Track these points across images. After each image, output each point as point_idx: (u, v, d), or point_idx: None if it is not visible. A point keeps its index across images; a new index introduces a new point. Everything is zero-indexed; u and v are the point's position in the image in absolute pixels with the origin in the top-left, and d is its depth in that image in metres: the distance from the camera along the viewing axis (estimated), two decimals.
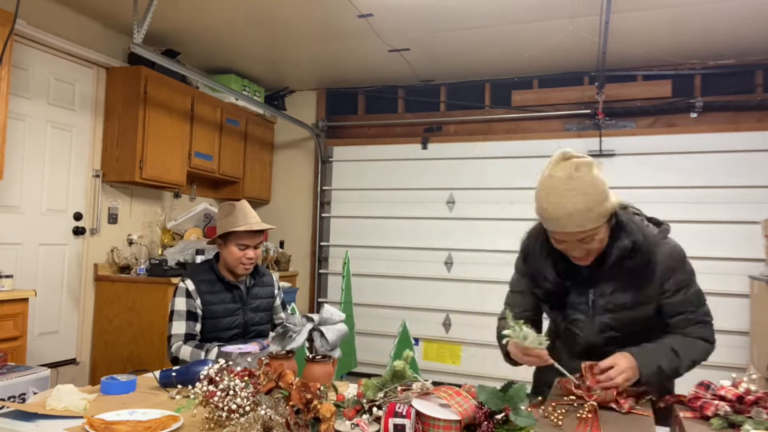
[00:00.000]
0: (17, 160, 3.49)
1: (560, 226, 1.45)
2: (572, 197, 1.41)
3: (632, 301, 1.58)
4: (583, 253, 1.51)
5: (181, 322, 2.28)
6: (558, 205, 1.42)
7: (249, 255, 2.33)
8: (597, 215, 1.43)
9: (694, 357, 1.57)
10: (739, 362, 4.18)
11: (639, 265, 1.53)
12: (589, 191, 1.42)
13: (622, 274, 1.55)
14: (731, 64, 4.44)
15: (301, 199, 5.64)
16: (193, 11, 3.80)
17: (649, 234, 1.58)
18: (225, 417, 1.37)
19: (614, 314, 1.59)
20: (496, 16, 3.76)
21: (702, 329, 1.61)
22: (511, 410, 1.28)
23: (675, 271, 1.57)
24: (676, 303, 1.58)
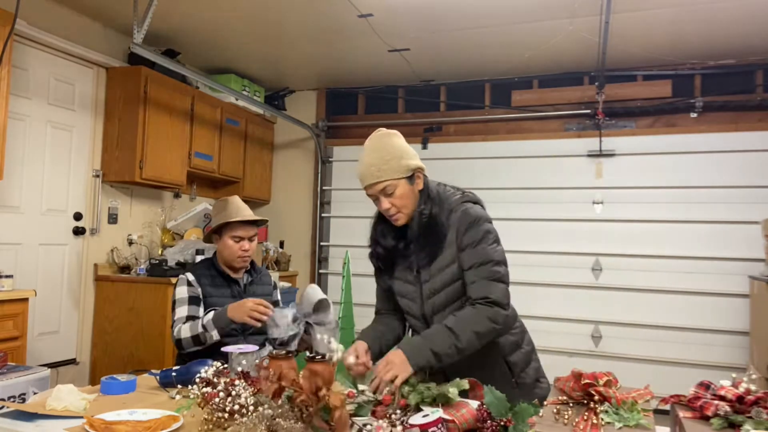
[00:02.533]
0: (17, 160, 3.49)
1: (365, 181, 1.70)
2: (371, 154, 1.71)
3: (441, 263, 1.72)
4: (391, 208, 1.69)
5: (183, 307, 2.28)
6: (361, 163, 1.72)
7: (245, 247, 2.37)
8: (391, 168, 1.67)
9: (472, 328, 1.59)
10: (739, 362, 4.18)
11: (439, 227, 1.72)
12: (385, 148, 1.70)
13: (429, 238, 1.72)
14: (731, 64, 4.44)
15: (301, 199, 5.64)
16: (193, 11, 3.80)
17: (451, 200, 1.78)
18: (226, 418, 1.37)
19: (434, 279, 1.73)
20: (496, 16, 3.76)
21: (489, 285, 1.65)
22: (514, 423, 1.29)
23: (468, 228, 1.71)
24: (468, 256, 1.69)
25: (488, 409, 1.33)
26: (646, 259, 4.51)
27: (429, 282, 1.75)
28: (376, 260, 1.86)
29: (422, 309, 1.78)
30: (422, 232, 1.72)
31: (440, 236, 1.72)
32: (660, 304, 4.47)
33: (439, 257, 1.72)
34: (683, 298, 4.42)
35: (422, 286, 1.77)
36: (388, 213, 1.72)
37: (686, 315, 4.40)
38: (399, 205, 1.70)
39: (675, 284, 4.44)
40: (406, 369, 1.53)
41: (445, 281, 1.73)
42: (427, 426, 1.23)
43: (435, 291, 1.74)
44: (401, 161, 1.70)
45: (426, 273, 1.75)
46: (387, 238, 1.80)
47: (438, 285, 1.74)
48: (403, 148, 1.73)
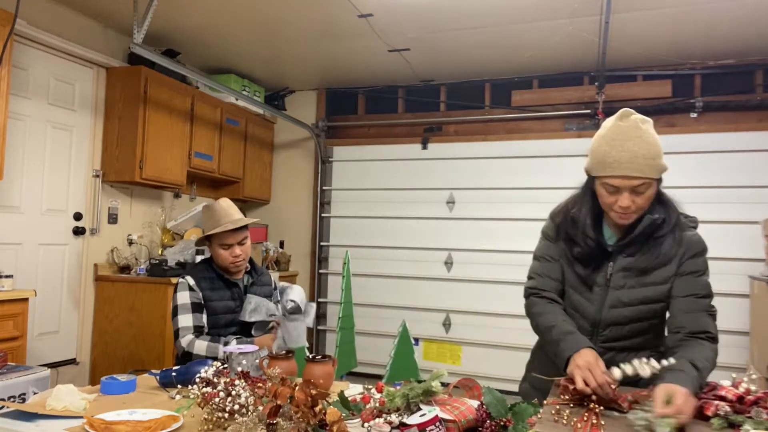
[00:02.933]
0: (17, 160, 3.49)
1: (623, 169, 1.47)
2: (638, 142, 1.47)
3: (649, 278, 1.58)
4: (631, 206, 1.51)
5: (187, 315, 2.24)
6: (624, 149, 1.47)
7: (235, 253, 2.32)
8: (657, 166, 1.49)
9: (710, 366, 1.47)
10: (739, 362, 4.18)
11: (664, 239, 1.56)
12: (652, 141, 1.50)
13: (645, 247, 1.57)
14: (731, 64, 4.44)
15: (301, 199, 5.64)
16: (193, 11, 3.80)
17: (681, 216, 1.62)
18: (226, 418, 1.37)
19: (629, 290, 1.59)
20: (496, 16, 3.76)
21: (707, 320, 1.55)
22: (513, 423, 1.29)
23: (695, 256, 1.59)
24: (688, 283, 1.57)
25: (488, 409, 1.33)
26: None
27: (622, 290, 1.59)
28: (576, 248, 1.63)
29: (599, 315, 1.63)
30: (647, 239, 1.57)
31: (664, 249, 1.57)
32: None
33: (652, 271, 1.57)
34: None
35: (609, 291, 1.61)
36: (625, 211, 1.52)
37: None
38: (640, 206, 1.53)
39: None
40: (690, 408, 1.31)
41: (645, 297, 1.58)
42: (425, 425, 1.23)
43: (625, 303, 1.59)
44: (663, 161, 1.52)
45: (622, 279, 1.59)
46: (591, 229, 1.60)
47: (634, 298, 1.58)
48: (661, 145, 1.53)
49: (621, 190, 1.50)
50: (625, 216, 1.54)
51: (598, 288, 1.63)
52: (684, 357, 1.47)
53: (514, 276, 4.77)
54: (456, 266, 5.07)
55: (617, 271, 1.60)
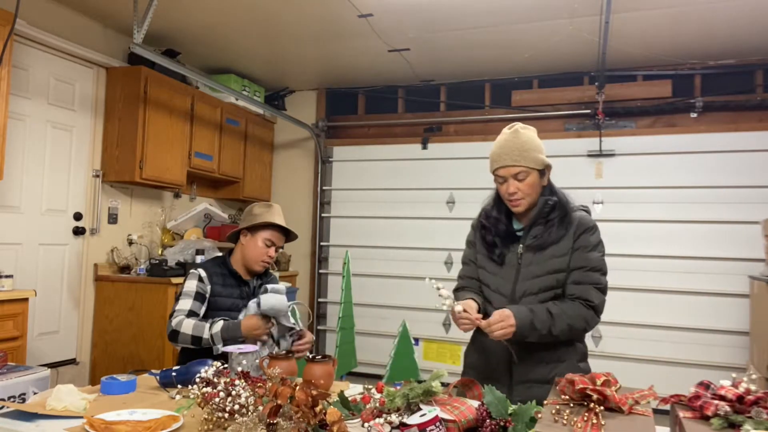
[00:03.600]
0: (17, 160, 3.49)
1: (501, 160, 1.83)
2: (514, 140, 1.85)
3: (550, 251, 1.84)
4: (517, 193, 1.83)
5: (187, 300, 2.25)
6: (501, 145, 1.86)
7: (271, 253, 2.37)
8: (529, 157, 1.82)
9: (568, 321, 1.76)
10: (739, 362, 4.19)
11: (557, 220, 1.85)
12: (528, 140, 1.85)
13: (545, 227, 1.85)
14: (731, 64, 4.44)
15: (301, 199, 5.64)
16: (193, 11, 3.80)
17: (570, 201, 1.92)
18: (226, 418, 1.37)
19: (536, 266, 1.84)
20: (496, 16, 3.76)
21: (590, 290, 1.80)
22: (513, 424, 1.29)
23: (585, 232, 1.85)
24: (577, 258, 1.83)
25: (488, 408, 1.33)
26: (646, 259, 4.51)
27: (531, 266, 1.85)
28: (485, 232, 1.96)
29: (513, 289, 1.87)
30: (544, 219, 1.85)
31: (561, 226, 1.84)
32: (660, 304, 4.47)
33: (552, 246, 1.83)
34: (683, 298, 4.42)
35: (521, 268, 1.87)
36: (512, 196, 1.84)
37: (686, 315, 4.40)
38: (525, 192, 1.83)
39: (675, 284, 4.44)
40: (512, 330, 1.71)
41: (548, 269, 1.83)
42: (425, 425, 1.23)
43: (534, 275, 1.84)
44: (538, 155, 1.84)
45: (530, 256, 1.86)
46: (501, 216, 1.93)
47: (540, 271, 1.83)
48: (541, 144, 1.87)
49: (507, 179, 1.84)
50: (515, 202, 1.85)
51: (511, 267, 1.89)
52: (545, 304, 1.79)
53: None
54: (456, 266, 5.05)
55: (525, 251, 1.87)
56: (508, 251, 1.90)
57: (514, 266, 1.89)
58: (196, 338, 2.13)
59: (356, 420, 1.43)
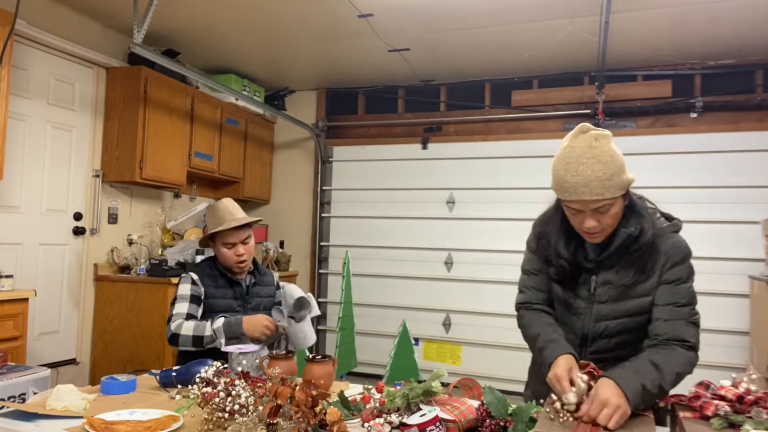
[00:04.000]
0: (17, 160, 3.49)
1: (578, 194, 1.46)
2: (592, 164, 1.44)
3: (631, 291, 1.57)
4: (596, 226, 1.51)
5: (183, 303, 2.25)
6: (578, 173, 1.45)
7: (239, 252, 2.33)
8: (615, 185, 1.45)
9: (676, 369, 1.46)
10: (739, 362, 4.18)
11: (642, 252, 1.54)
12: (608, 160, 1.45)
13: (625, 260, 1.55)
14: (731, 64, 4.44)
15: (301, 199, 5.64)
16: (193, 11, 3.80)
17: (657, 224, 1.58)
18: (226, 418, 1.37)
19: (613, 303, 1.58)
20: (496, 16, 3.76)
21: (686, 328, 1.52)
22: (513, 424, 1.29)
23: (676, 264, 1.55)
24: (667, 292, 1.55)
25: (488, 408, 1.33)
26: None
27: (606, 304, 1.59)
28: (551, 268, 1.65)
29: (585, 329, 1.63)
30: (625, 253, 1.55)
31: (643, 261, 1.55)
32: None
33: (634, 284, 1.56)
34: None
35: (594, 306, 1.61)
36: (591, 231, 1.52)
37: None
38: (607, 224, 1.52)
39: None
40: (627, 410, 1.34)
41: (630, 310, 1.57)
42: (425, 425, 1.23)
43: (611, 317, 1.59)
44: (623, 176, 1.48)
45: (605, 293, 1.58)
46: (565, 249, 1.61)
47: (619, 312, 1.58)
48: (622, 158, 1.49)
49: (583, 212, 1.50)
50: (593, 236, 1.55)
51: (583, 302, 1.63)
52: (645, 356, 1.48)
53: (514, 276, 4.74)
54: (456, 266, 5.07)
55: (600, 285, 1.59)
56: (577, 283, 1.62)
57: (585, 301, 1.62)
58: (197, 338, 2.13)
59: (356, 420, 1.43)
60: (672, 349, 1.50)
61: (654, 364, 1.43)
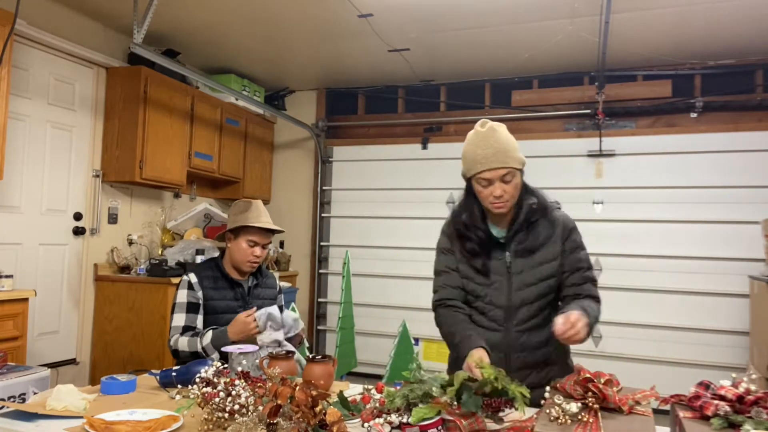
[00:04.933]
0: (17, 160, 3.49)
1: (489, 162, 1.72)
2: (497, 141, 1.73)
3: (540, 257, 1.79)
4: (504, 195, 1.73)
5: (181, 314, 2.27)
6: (487, 146, 1.73)
7: (257, 252, 2.36)
8: (515, 158, 1.74)
9: (595, 315, 1.72)
10: (739, 362, 4.19)
11: (543, 222, 1.80)
12: (508, 139, 1.76)
13: (530, 230, 1.79)
14: (731, 64, 4.44)
15: (301, 199, 5.64)
16: (193, 11, 3.80)
17: (548, 200, 1.86)
18: (226, 418, 1.37)
19: (528, 271, 1.78)
20: (496, 16, 3.76)
21: (593, 288, 1.81)
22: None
23: (572, 232, 1.83)
24: (574, 260, 1.80)
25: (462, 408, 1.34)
26: (646, 259, 4.51)
27: (522, 273, 1.78)
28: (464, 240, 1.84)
29: (509, 300, 1.80)
30: (530, 223, 1.78)
31: (545, 230, 1.79)
32: (660, 304, 4.47)
33: (541, 250, 1.78)
34: (683, 298, 4.42)
35: (512, 277, 1.79)
36: (498, 200, 1.74)
37: (686, 315, 4.40)
38: (511, 194, 1.75)
39: (675, 284, 4.44)
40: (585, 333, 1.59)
41: (542, 275, 1.78)
42: (428, 427, 1.23)
43: (529, 284, 1.78)
44: (519, 153, 1.77)
45: (520, 263, 1.79)
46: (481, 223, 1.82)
47: (533, 278, 1.78)
48: (515, 141, 1.79)
49: (492, 181, 1.74)
50: (500, 205, 1.76)
51: (501, 277, 1.81)
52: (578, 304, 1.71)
53: None
54: None
55: (513, 257, 1.80)
56: (494, 260, 1.81)
57: (504, 275, 1.80)
58: (194, 353, 2.16)
59: (356, 420, 1.43)
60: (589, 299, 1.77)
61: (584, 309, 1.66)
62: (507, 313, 1.80)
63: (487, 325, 1.82)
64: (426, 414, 1.25)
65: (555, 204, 1.89)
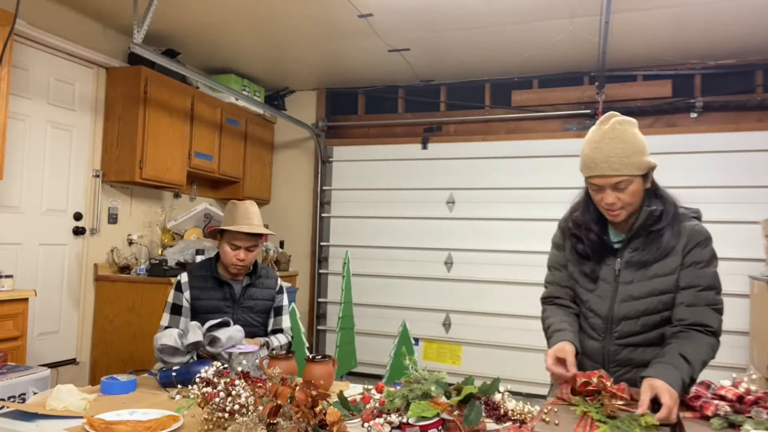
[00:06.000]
0: (17, 160, 3.49)
1: (599, 169, 1.58)
2: (613, 142, 1.58)
3: (654, 270, 1.63)
4: (616, 203, 1.60)
5: (166, 315, 2.34)
6: (600, 150, 1.59)
7: (240, 256, 2.32)
8: (633, 163, 1.57)
9: (702, 358, 1.52)
10: (739, 362, 4.18)
11: (664, 232, 1.62)
12: (629, 140, 1.59)
13: (648, 239, 1.63)
14: (731, 64, 4.44)
15: (301, 199, 5.64)
16: (193, 11, 3.80)
17: (679, 207, 1.68)
18: (226, 418, 1.37)
19: (637, 283, 1.64)
20: (496, 16, 3.76)
21: (708, 313, 1.57)
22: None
23: (698, 246, 1.62)
24: (691, 275, 1.60)
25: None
26: None
27: (631, 285, 1.65)
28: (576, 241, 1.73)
29: (611, 311, 1.68)
30: (648, 232, 1.63)
31: (665, 241, 1.62)
32: None
33: (657, 263, 1.62)
34: None
35: (619, 287, 1.67)
36: (611, 207, 1.61)
37: None
38: (626, 202, 1.60)
39: None
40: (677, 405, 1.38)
41: (653, 290, 1.63)
42: (428, 427, 1.23)
43: (636, 297, 1.64)
44: (642, 157, 1.60)
45: (630, 274, 1.65)
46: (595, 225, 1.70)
47: (643, 291, 1.63)
48: (644, 143, 1.62)
49: (604, 188, 1.60)
50: (613, 213, 1.63)
51: (608, 284, 1.69)
52: (675, 349, 1.52)
53: (514, 276, 4.77)
54: (456, 266, 5.07)
55: (624, 267, 1.66)
56: (603, 265, 1.69)
57: (610, 283, 1.68)
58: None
59: (356, 420, 1.43)
60: (695, 336, 1.55)
61: (684, 358, 1.49)
62: (606, 323, 1.69)
63: (588, 332, 1.74)
64: (423, 411, 1.25)
65: (690, 212, 1.70)
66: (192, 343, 1.97)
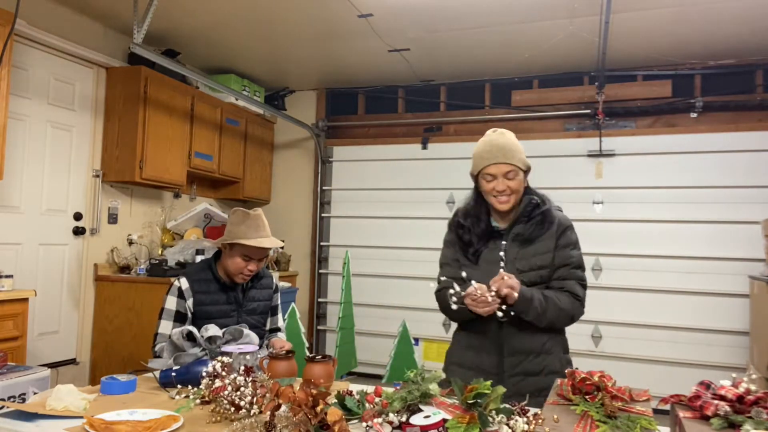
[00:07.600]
0: (17, 160, 3.49)
1: (494, 158, 1.88)
2: (503, 139, 1.92)
3: (534, 248, 1.90)
4: (506, 189, 1.88)
5: (168, 322, 2.22)
6: (493, 144, 1.91)
7: (251, 267, 2.30)
8: (519, 159, 1.90)
9: (561, 306, 1.83)
10: (739, 362, 4.19)
11: (542, 217, 1.91)
12: (514, 141, 1.94)
13: (529, 225, 1.91)
14: (731, 64, 4.44)
15: (301, 199, 5.64)
16: (193, 11, 3.80)
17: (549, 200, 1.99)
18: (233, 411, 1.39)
19: (521, 260, 1.89)
20: (496, 16, 3.76)
21: (576, 286, 1.89)
22: None
23: (567, 230, 1.93)
24: (563, 256, 1.90)
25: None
26: (646, 259, 4.51)
27: (517, 261, 1.89)
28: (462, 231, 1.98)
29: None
30: (527, 216, 1.92)
31: (546, 223, 1.91)
32: (660, 304, 4.47)
33: (536, 242, 1.89)
34: (683, 298, 4.42)
35: (507, 265, 1.90)
36: (501, 193, 1.88)
37: (686, 315, 4.40)
38: (514, 189, 1.89)
39: (675, 284, 4.44)
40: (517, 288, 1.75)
41: (534, 265, 1.88)
42: (428, 427, 1.23)
43: (521, 271, 1.87)
44: (524, 156, 1.94)
45: (514, 251, 1.90)
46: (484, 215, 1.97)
47: (527, 266, 1.88)
48: (522, 147, 1.96)
49: (496, 176, 1.88)
50: (503, 200, 1.90)
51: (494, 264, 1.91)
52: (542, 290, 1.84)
53: None
54: None
55: (510, 246, 1.92)
56: (486, 248, 1.94)
57: (497, 263, 1.91)
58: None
59: (356, 420, 1.43)
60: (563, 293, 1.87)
61: (543, 295, 1.83)
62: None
63: None
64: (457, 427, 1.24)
65: (556, 207, 2.02)
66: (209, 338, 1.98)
